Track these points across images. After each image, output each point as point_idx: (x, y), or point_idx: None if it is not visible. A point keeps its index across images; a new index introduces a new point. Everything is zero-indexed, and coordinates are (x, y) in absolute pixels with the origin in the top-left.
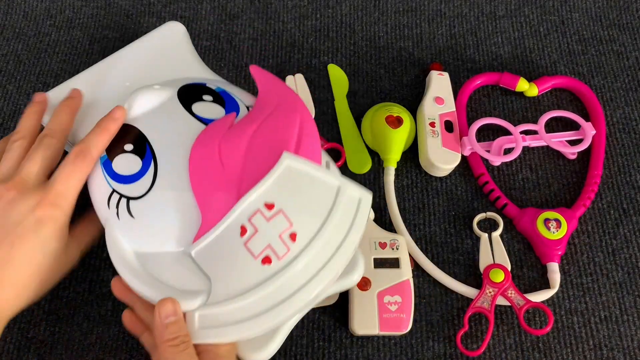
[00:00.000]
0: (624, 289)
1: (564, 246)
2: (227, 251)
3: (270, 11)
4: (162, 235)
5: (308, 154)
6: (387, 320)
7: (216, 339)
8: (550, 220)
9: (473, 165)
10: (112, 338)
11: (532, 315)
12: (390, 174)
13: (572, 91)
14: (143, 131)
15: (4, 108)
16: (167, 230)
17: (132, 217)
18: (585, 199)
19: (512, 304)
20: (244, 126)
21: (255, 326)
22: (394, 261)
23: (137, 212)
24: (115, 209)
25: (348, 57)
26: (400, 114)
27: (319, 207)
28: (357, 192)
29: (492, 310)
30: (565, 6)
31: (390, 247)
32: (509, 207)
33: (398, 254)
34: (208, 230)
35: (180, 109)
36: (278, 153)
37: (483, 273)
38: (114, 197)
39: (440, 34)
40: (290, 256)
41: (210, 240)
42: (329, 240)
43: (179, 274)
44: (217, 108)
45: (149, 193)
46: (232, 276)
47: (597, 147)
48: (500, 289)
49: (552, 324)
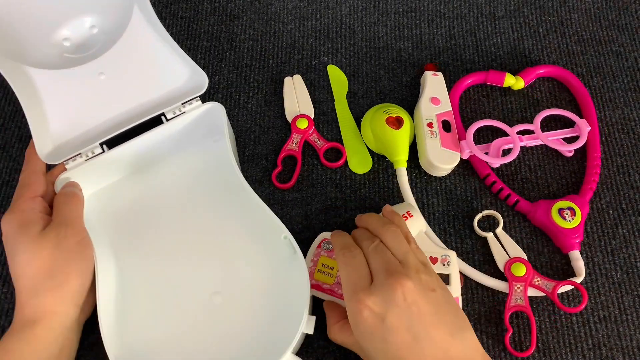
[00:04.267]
0: (623, 288)
1: (581, 233)
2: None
3: (271, 12)
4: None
5: None
6: None
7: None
8: (564, 210)
9: (477, 166)
10: None
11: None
12: (403, 175)
13: (557, 79)
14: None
15: (5, 108)
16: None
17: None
18: (591, 182)
19: (543, 291)
20: None
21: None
22: (445, 278)
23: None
24: None
25: (348, 58)
26: (399, 114)
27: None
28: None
29: (528, 305)
30: (564, 7)
31: (441, 263)
32: (521, 202)
33: (449, 270)
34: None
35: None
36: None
37: (505, 271)
38: None
39: (439, 34)
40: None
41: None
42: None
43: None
44: None
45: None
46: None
47: (592, 131)
48: (527, 281)
49: (587, 300)
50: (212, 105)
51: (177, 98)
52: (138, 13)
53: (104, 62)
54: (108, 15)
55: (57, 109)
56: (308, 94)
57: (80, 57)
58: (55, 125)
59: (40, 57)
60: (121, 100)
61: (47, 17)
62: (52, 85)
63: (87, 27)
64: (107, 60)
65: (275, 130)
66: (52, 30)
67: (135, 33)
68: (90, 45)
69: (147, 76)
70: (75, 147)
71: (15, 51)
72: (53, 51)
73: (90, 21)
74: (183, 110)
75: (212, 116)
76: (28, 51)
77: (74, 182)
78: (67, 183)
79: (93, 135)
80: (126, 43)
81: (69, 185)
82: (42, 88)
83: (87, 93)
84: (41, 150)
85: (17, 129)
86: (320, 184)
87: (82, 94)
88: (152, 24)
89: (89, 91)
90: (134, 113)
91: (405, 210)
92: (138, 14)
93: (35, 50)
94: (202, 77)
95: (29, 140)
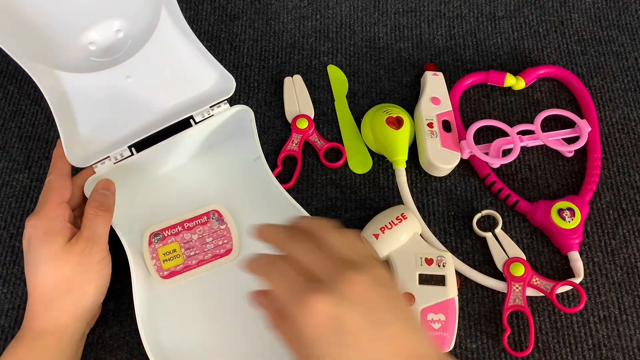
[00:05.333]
0: (623, 289)
1: (580, 234)
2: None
3: (271, 12)
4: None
5: None
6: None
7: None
8: (563, 210)
9: (477, 166)
10: (112, 338)
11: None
12: (402, 175)
13: (558, 79)
14: None
15: (5, 108)
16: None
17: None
18: (591, 183)
19: (542, 291)
20: None
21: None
22: (440, 278)
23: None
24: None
25: (348, 58)
26: (399, 114)
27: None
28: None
29: (527, 305)
30: (564, 7)
31: (437, 264)
32: (520, 203)
33: (444, 271)
34: None
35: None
36: None
37: (503, 271)
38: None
39: (439, 34)
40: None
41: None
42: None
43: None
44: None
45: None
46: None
47: (592, 132)
48: (526, 281)
49: (585, 300)
50: (240, 108)
51: (205, 101)
52: (166, 16)
53: (132, 65)
54: (135, 20)
55: (85, 112)
56: (308, 94)
57: (106, 60)
58: (84, 128)
59: (67, 60)
60: (149, 103)
61: (73, 21)
62: (81, 88)
63: (113, 32)
64: (135, 64)
65: (275, 130)
66: (78, 34)
67: (163, 36)
68: (117, 49)
69: (175, 79)
70: (103, 150)
71: (44, 54)
72: (80, 55)
73: (116, 25)
74: (211, 113)
75: (240, 119)
76: (55, 54)
77: (107, 182)
78: (100, 183)
79: (122, 138)
80: (154, 46)
81: (102, 187)
82: (71, 91)
83: (115, 96)
84: (70, 154)
85: (17, 129)
86: (320, 184)
87: (111, 97)
88: (180, 28)
89: (117, 94)
90: (162, 116)
91: (400, 212)
92: (166, 17)
93: (62, 53)
94: (230, 81)
95: (29, 141)
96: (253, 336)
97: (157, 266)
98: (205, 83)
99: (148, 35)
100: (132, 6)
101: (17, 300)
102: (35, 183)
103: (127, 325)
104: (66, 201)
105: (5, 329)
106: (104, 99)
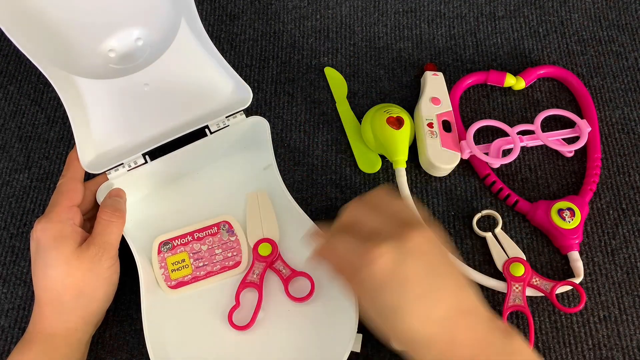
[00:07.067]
0: (623, 289)
1: (580, 234)
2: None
3: (271, 12)
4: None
5: None
6: None
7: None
8: (563, 210)
9: (477, 166)
10: (112, 338)
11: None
12: (402, 175)
13: (558, 79)
14: None
15: (5, 108)
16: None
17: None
18: (591, 183)
19: (541, 291)
20: None
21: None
22: None
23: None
24: None
25: (348, 58)
26: (399, 114)
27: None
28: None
29: (527, 305)
30: (564, 7)
31: None
32: (520, 203)
33: None
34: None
35: None
36: None
37: (503, 271)
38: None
39: (439, 34)
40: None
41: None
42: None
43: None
44: None
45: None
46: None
47: (592, 132)
48: (525, 281)
49: (585, 300)
50: (257, 119)
51: (221, 111)
52: (185, 26)
53: (150, 73)
54: (155, 29)
55: (101, 118)
56: (274, 214)
57: (125, 68)
58: (99, 134)
59: (86, 66)
60: (165, 112)
61: (95, 28)
62: (98, 94)
63: (132, 40)
64: (153, 72)
65: (275, 130)
66: (98, 41)
67: (182, 46)
68: (135, 57)
69: (191, 88)
70: (117, 156)
71: (64, 60)
72: (99, 61)
73: (136, 34)
74: (227, 123)
75: (255, 130)
76: (75, 60)
77: (119, 191)
78: (113, 191)
79: (136, 146)
80: (172, 55)
81: (115, 194)
82: (88, 97)
83: (131, 103)
84: (84, 159)
85: (17, 129)
86: (320, 184)
87: (127, 104)
88: (199, 38)
89: (133, 102)
90: (178, 124)
91: None
92: (185, 27)
93: (82, 60)
94: (247, 91)
95: (29, 141)
96: (261, 351)
97: (165, 275)
98: (222, 93)
99: (167, 44)
100: (152, 15)
101: (17, 300)
102: (35, 183)
103: (127, 325)
104: (77, 205)
105: (5, 329)
106: (120, 106)
